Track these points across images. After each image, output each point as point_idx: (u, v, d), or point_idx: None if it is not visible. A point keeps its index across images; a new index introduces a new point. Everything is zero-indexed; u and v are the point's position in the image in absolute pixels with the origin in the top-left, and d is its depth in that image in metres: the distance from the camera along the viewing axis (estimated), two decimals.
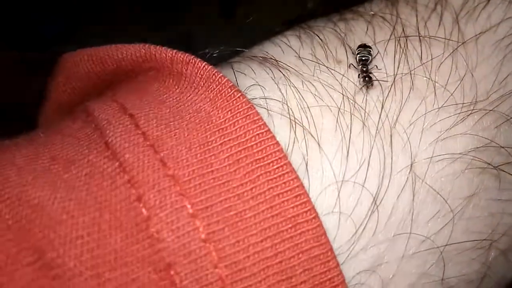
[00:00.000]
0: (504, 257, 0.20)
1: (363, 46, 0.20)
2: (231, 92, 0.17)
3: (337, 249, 0.16)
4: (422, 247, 0.18)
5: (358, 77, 0.19)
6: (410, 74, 0.19)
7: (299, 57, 0.19)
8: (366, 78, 0.18)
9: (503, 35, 0.21)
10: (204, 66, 0.18)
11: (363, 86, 0.18)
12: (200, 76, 0.18)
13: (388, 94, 0.19)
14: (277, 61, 0.19)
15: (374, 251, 0.17)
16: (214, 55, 0.22)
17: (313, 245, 0.15)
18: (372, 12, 0.21)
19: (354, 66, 0.19)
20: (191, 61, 0.18)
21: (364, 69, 0.18)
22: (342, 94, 0.18)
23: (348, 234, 0.17)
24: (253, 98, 0.18)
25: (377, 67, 0.19)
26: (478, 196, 0.19)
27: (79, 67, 0.20)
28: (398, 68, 0.19)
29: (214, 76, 0.17)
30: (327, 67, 0.19)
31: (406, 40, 0.20)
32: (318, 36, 0.20)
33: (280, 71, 0.19)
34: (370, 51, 0.19)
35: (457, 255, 0.18)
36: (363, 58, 0.19)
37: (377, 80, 0.18)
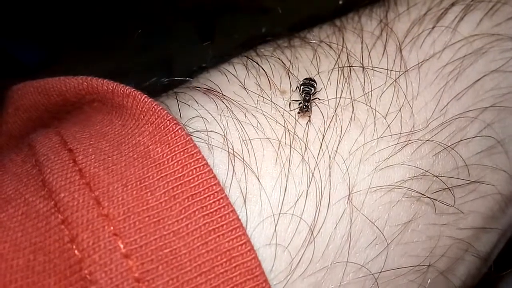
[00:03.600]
0: (443, 277, 0.21)
1: (308, 79, 0.20)
2: (170, 125, 0.17)
3: (273, 279, 0.17)
4: (360, 274, 0.18)
5: (299, 109, 0.19)
6: (352, 104, 0.20)
7: (244, 87, 0.20)
8: (303, 108, 0.19)
9: (446, 62, 0.21)
10: (143, 99, 0.18)
11: (301, 115, 0.19)
12: (140, 108, 0.18)
13: (329, 124, 0.19)
14: (222, 93, 0.19)
15: (312, 279, 0.18)
16: (165, 82, 0.22)
17: (247, 278, 0.16)
18: (319, 40, 0.21)
19: (296, 100, 0.19)
20: (131, 93, 0.18)
21: (307, 98, 0.19)
22: (284, 126, 0.19)
23: (285, 264, 0.17)
24: (195, 131, 0.18)
25: (319, 99, 0.19)
26: (416, 221, 0.19)
27: (26, 99, 0.20)
28: (340, 98, 0.20)
29: (153, 109, 0.17)
30: (270, 98, 0.19)
31: (350, 70, 0.20)
32: (263, 67, 0.20)
33: (224, 103, 0.19)
34: (314, 84, 0.20)
35: (395, 279, 0.19)
36: (305, 91, 0.19)
37: (309, 114, 0.18)
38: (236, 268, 0.16)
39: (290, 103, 0.19)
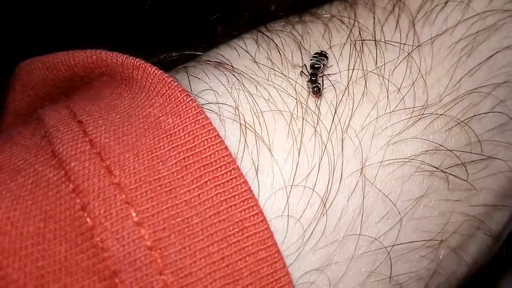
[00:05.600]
0: (455, 254, 0.21)
1: (319, 54, 0.20)
2: (181, 96, 0.17)
3: (285, 251, 0.17)
4: (372, 247, 0.18)
5: (307, 85, 0.19)
6: (364, 78, 0.19)
7: (255, 61, 0.19)
8: (315, 89, 0.18)
9: (459, 38, 0.21)
10: (154, 71, 0.17)
11: (310, 94, 0.18)
12: (150, 80, 0.17)
13: (341, 98, 0.19)
14: (232, 66, 0.19)
15: (324, 252, 0.17)
16: (175, 57, 0.22)
17: (260, 248, 0.16)
18: (331, 15, 0.21)
19: (305, 74, 0.19)
20: (141, 65, 0.18)
21: (314, 78, 0.18)
22: (296, 99, 0.18)
23: (297, 236, 0.17)
24: (206, 103, 0.18)
25: (328, 75, 0.19)
26: (428, 197, 0.19)
27: (34, 75, 0.20)
28: (352, 72, 0.19)
29: (164, 81, 0.17)
30: (281, 71, 0.19)
31: (362, 43, 0.20)
32: (274, 40, 0.20)
33: (234, 76, 0.19)
34: (324, 59, 0.19)
35: (407, 254, 0.19)
36: (315, 66, 0.19)
37: (320, 90, 0.18)
38: (248, 238, 0.16)
39: (302, 76, 0.19)
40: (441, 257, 0.20)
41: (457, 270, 0.21)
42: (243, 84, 0.18)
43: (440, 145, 0.19)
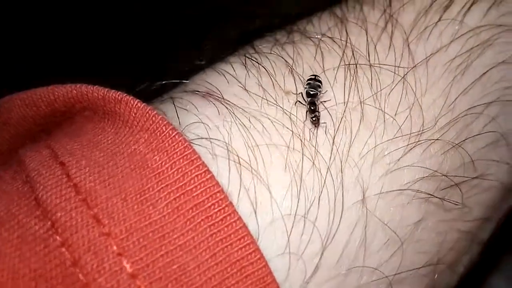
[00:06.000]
0: (450, 269, 0.21)
1: (313, 79, 0.19)
2: (166, 130, 0.16)
3: None
4: (374, 277, 0.18)
5: (306, 114, 0.18)
6: (361, 104, 0.19)
7: (245, 88, 0.19)
8: (314, 119, 0.18)
9: (454, 55, 0.20)
10: (136, 104, 0.16)
11: (305, 124, 0.18)
12: (133, 114, 0.16)
13: (338, 127, 0.18)
14: (222, 97, 0.18)
15: (327, 286, 0.17)
16: (158, 86, 0.21)
17: (259, 286, 0.15)
18: (321, 34, 0.20)
19: (301, 103, 0.18)
20: (123, 99, 0.17)
21: (313, 107, 0.18)
22: (291, 130, 0.18)
23: (300, 273, 0.17)
24: (196, 138, 0.17)
25: (323, 102, 0.18)
26: (426, 220, 0.19)
27: (13, 112, 0.19)
28: (348, 98, 0.19)
29: (148, 114, 0.16)
30: (275, 100, 0.18)
31: (356, 67, 0.19)
32: (264, 64, 0.19)
33: (225, 106, 0.18)
34: (319, 84, 0.19)
35: (408, 276, 0.19)
36: (311, 93, 0.18)
37: (321, 122, 0.18)
38: (247, 278, 0.15)
39: (296, 104, 0.18)
40: (437, 275, 0.20)
41: (450, 281, 0.21)
42: (235, 115, 0.18)
43: (435, 171, 0.19)
